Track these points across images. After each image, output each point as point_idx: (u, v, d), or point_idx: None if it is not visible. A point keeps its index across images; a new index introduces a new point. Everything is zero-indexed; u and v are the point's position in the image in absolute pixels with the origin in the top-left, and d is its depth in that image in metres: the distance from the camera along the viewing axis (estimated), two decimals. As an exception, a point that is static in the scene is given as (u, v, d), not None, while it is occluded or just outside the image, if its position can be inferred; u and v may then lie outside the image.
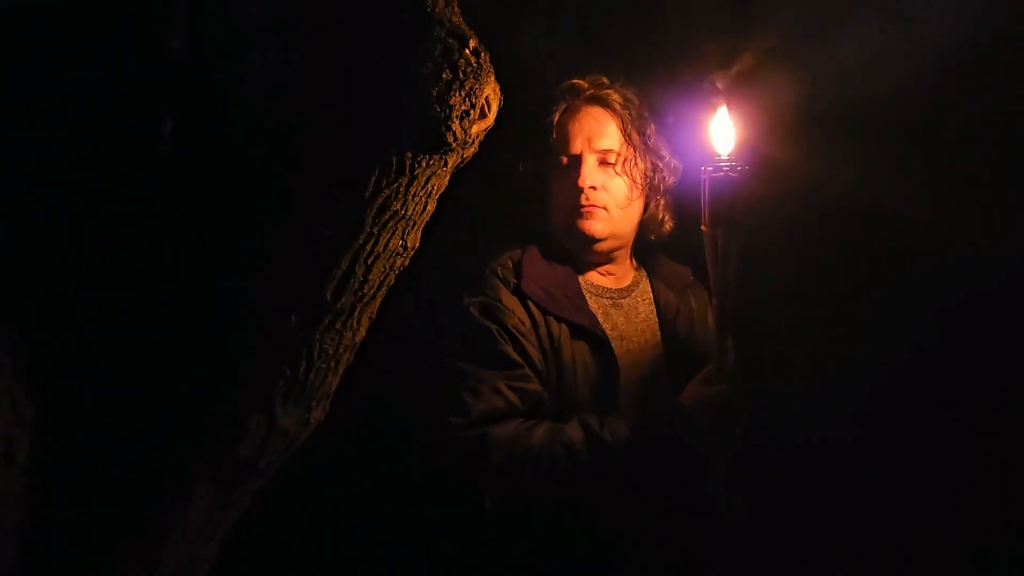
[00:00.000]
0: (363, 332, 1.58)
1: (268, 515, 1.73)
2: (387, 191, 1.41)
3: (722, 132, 1.75)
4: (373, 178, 1.39)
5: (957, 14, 2.02)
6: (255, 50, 1.43)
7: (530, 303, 1.86)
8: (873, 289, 2.17)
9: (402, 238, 1.49)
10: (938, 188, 2.08)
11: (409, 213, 1.46)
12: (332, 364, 1.55)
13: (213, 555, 1.60)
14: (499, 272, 1.88)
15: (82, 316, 1.44)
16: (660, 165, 1.96)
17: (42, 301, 1.41)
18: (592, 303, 1.92)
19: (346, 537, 2.19)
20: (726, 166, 1.71)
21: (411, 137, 1.37)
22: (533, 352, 1.83)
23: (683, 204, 1.99)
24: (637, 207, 1.96)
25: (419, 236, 1.54)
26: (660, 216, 2.00)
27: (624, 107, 1.94)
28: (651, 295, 2.01)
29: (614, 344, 1.88)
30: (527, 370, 1.81)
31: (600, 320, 1.90)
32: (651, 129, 1.95)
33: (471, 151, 1.46)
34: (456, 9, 1.37)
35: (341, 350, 1.55)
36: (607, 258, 1.97)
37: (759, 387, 1.82)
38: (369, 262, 1.48)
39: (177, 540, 1.50)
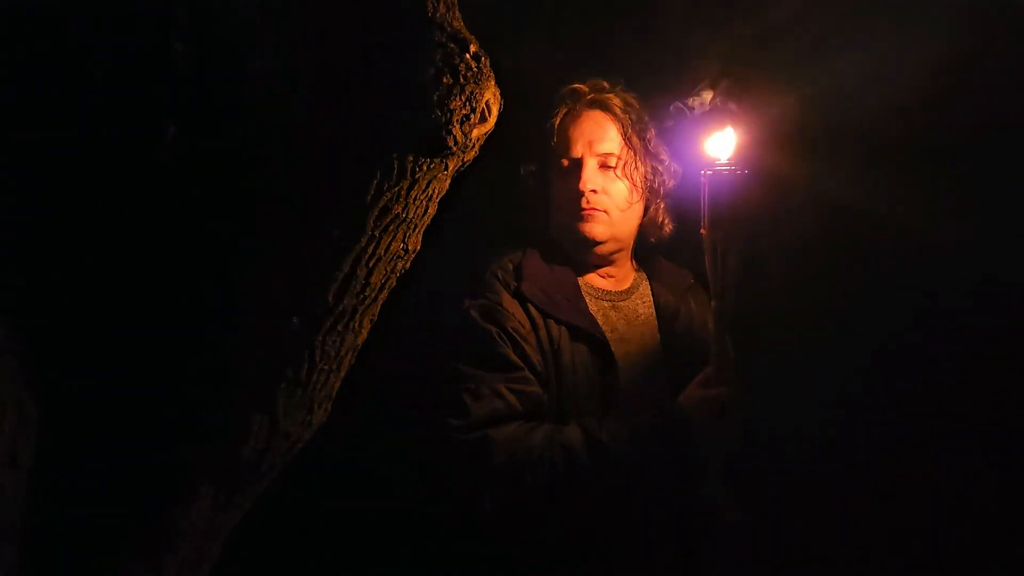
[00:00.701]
0: (364, 334, 1.59)
1: (270, 516, 1.74)
2: (388, 194, 1.41)
3: (722, 136, 1.75)
4: (374, 181, 1.40)
5: (956, 23, 2.03)
6: (256, 54, 1.44)
7: (530, 305, 1.86)
8: (872, 292, 2.18)
9: (403, 241, 1.50)
10: (936, 193, 2.08)
11: (410, 216, 1.47)
12: (334, 366, 1.56)
13: (215, 556, 1.61)
14: (499, 275, 1.89)
15: (85, 318, 1.44)
16: (660, 169, 1.97)
17: (46, 303, 1.42)
18: (592, 305, 1.93)
19: (347, 538, 2.19)
20: (726, 170, 1.72)
21: (412, 141, 1.38)
22: (533, 354, 1.83)
23: (683, 207, 2.00)
24: (637, 210, 1.97)
25: (420, 239, 1.55)
26: (660, 219, 2.01)
27: (624, 111, 1.95)
28: (651, 297, 2.02)
29: (613, 346, 1.88)
30: (527, 372, 1.82)
31: (600, 322, 1.90)
32: (651, 133, 1.96)
33: (472, 155, 1.47)
34: (457, 14, 1.38)
35: (343, 352, 1.56)
36: (607, 261, 1.98)
37: (758, 390, 1.82)
38: (370, 265, 1.48)
39: (179, 541, 1.50)
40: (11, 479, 1.36)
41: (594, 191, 1.90)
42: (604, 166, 1.93)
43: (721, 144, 1.75)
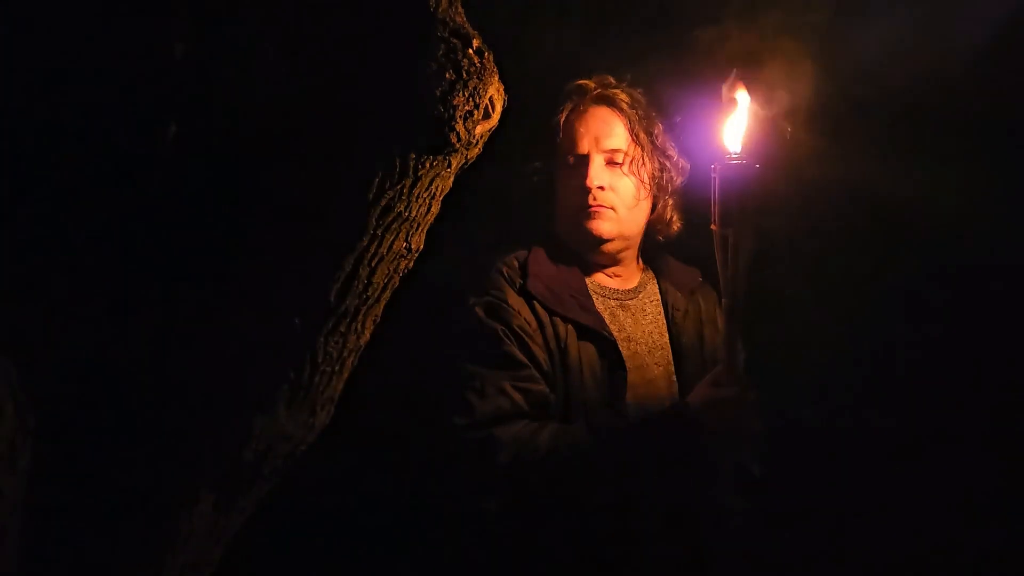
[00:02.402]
0: (367, 335, 1.58)
1: (272, 518, 1.73)
2: (390, 193, 1.40)
3: (734, 128, 1.72)
4: (376, 180, 1.38)
5: (979, 9, 1.99)
6: (257, 52, 1.42)
7: (536, 303, 1.84)
8: (886, 290, 2.14)
9: (406, 240, 1.48)
10: (954, 187, 2.05)
11: (413, 215, 1.45)
12: (336, 367, 1.55)
13: (216, 559, 1.60)
14: (505, 272, 1.87)
15: (85, 320, 1.43)
16: (668, 165, 1.94)
17: (45, 306, 1.41)
18: (599, 304, 1.91)
19: (351, 539, 2.18)
20: (737, 163, 1.69)
21: (414, 138, 1.36)
22: (539, 352, 1.81)
23: (692, 204, 1.97)
24: (645, 207, 1.94)
25: (423, 238, 1.53)
26: (668, 216, 1.98)
27: (631, 107, 1.92)
28: (659, 296, 2.00)
29: (621, 345, 1.86)
30: (533, 371, 1.80)
31: (607, 321, 1.88)
32: (658, 129, 1.93)
33: (475, 152, 1.45)
34: (459, 9, 1.36)
35: (345, 353, 1.55)
36: (614, 259, 1.95)
37: (768, 389, 1.79)
38: (373, 264, 1.47)
39: (181, 545, 1.49)
40: (10, 483, 1.34)
41: (601, 188, 1.88)
42: (611, 163, 1.90)
43: (734, 134, 1.71)
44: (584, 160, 1.90)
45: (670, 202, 1.97)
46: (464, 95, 1.33)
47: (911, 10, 2.04)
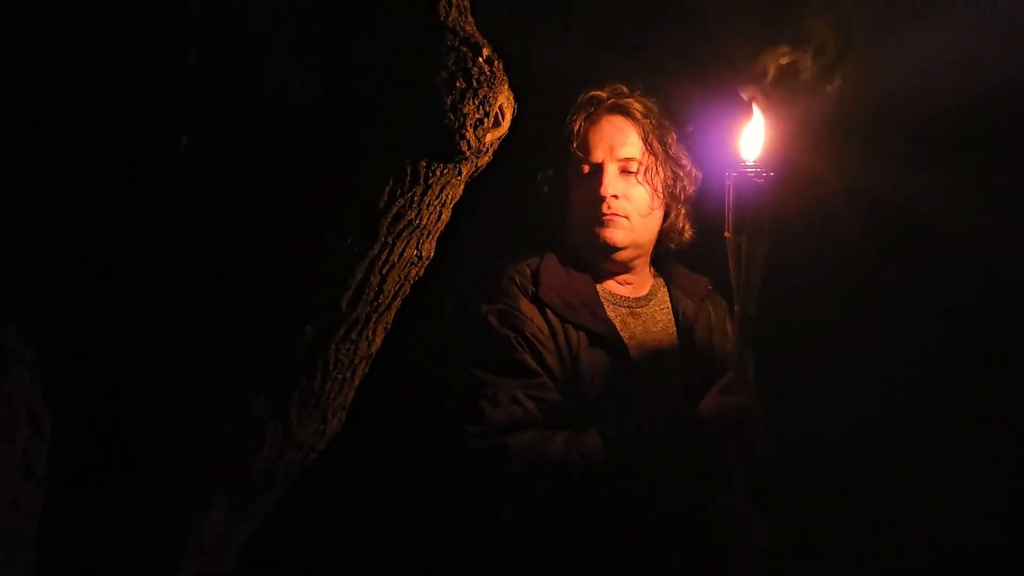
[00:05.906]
0: (378, 342, 1.58)
1: (283, 525, 1.73)
2: (401, 200, 1.40)
3: (750, 137, 1.72)
4: (387, 188, 1.39)
5: (997, 22, 1.98)
6: (269, 62, 1.43)
7: (548, 311, 1.84)
8: (899, 300, 2.13)
9: (417, 247, 1.49)
10: (971, 198, 2.03)
11: (423, 222, 1.46)
12: (348, 375, 1.55)
13: (230, 567, 1.60)
14: (517, 280, 1.87)
15: (98, 328, 1.44)
16: (681, 174, 1.94)
17: (59, 313, 1.42)
18: (610, 311, 1.91)
19: (362, 547, 2.19)
20: (752, 172, 1.68)
21: (425, 146, 1.37)
22: (551, 360, 1.81)
23: (704, 212, 1.96)
24: (657, 216, 1.95)
25: (434, 245, 1.53)
26: (680, 225, 1.98)
27: (645, 116, 1.92)
28: (669, 304, 2.00)
29: (632, 353, 1.86)
30: (545, 378, 1.80)
31: (618, 328, 1.88)
32: (672, 138, 1.93)
33: (485, 160, 1.45)
34: (469, 18, 1.36)
35: (357, 360, 1.55)
36: (626, 267, 1.95)
37: (779, 396, 1.79)
38: (384, 272, 1.47)
39: (194, 552, 1.50)
40: (25, 490, 1.36)
41: (615, 196, 1.88)
42: (625, 171, 1.90)
43: (750, 144, 1.71)
44: (598, 169, 1.90)
45: (682, 211, 1.97)
46: (474, 103, 1.33)
47: (931, 22, 2.02)
